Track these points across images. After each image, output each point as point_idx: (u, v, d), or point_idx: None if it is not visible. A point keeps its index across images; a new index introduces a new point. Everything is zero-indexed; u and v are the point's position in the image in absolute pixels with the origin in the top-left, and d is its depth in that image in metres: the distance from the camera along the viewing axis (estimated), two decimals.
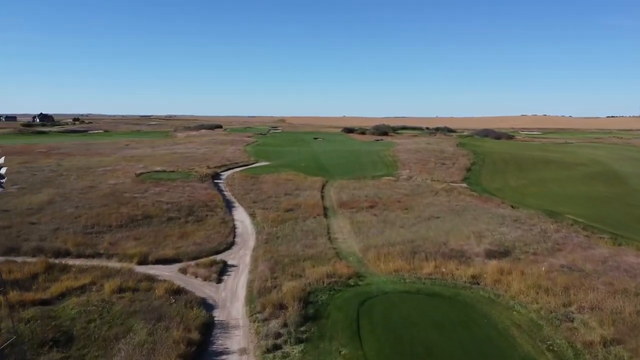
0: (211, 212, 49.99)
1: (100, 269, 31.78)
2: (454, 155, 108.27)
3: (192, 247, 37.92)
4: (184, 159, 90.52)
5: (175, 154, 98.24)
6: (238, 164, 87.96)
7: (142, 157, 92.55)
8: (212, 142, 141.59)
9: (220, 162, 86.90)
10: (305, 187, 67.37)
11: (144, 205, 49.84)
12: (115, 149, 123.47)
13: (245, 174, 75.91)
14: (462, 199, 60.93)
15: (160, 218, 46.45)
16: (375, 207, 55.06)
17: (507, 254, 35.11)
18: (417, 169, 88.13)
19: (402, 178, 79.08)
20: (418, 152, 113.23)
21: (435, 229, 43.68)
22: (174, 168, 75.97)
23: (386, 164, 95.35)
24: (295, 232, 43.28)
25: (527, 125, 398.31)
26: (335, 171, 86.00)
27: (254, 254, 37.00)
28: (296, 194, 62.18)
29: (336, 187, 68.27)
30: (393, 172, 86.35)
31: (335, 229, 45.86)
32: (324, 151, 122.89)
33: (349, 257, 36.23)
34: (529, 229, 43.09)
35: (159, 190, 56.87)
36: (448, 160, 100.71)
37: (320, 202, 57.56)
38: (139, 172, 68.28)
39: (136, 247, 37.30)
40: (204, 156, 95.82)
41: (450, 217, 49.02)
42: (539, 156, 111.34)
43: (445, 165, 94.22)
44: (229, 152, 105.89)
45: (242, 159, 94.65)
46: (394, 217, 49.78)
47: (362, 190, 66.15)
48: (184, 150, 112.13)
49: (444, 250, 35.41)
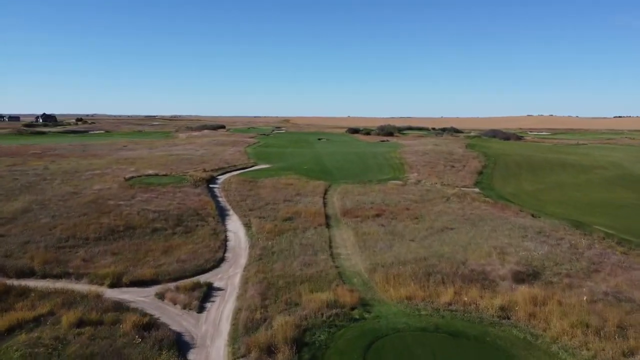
0: (202, 222, 45.43)
1: (65, 294, 27.29)
2: (463, 157, 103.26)
3: (175, 265, 33.38)
4: (180, 161, 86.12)
5: (172, 156, 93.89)
6: (237, 167, 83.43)
7: (136, 159, 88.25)
8: (213, 144, 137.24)
9: (218, 165, 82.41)
10: (307, 192, 62.75)
11: (128, 214, 45.35)
12: (112, 150, 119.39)
13: (244, 177, 71.37)
14: (477, 206, 56.05)
15: (144, 229, 41.95)
16: (382, 215, 50.33)
17: (537, 277, 30.27)
18: (426, 172, 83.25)
19: (410, 182, 74.27)
20: (426, 153, 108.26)
21: (450, 243, 38.88)
22: (168, 171, 71.55)
23: (393, 167, 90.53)
24: (293, 246, 38.65)
25: (534, 126, 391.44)
26: (339, 174, 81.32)
27: (244, 274, 32.40)
28: (296, 200, 57.58)
29: (340, 193, 63.60)
30: (400, 175, 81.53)
31: (338, 242, 41.18)
32: (327, 153, 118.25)
33: (353, 278, 31.55)
34: (557, 243, 38.17)
35: (147, 197, 52.37)
36: (458, 163, 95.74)
37: (322, 210, 52.93)
38: (128, 177, 63.84)
39: (111, 265, 32.82)
40: (201, 158, 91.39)
41: (466, 229, 44.19)
42: (554, 158, 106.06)
43: (455, 168, 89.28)
44: (228, 154, 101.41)
45: (242, 162, 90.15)
46: (402, 227, 45.02)
47: (368, 196, 61.43)
48: (182, 151, 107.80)
49: (463, 272, 30.61)
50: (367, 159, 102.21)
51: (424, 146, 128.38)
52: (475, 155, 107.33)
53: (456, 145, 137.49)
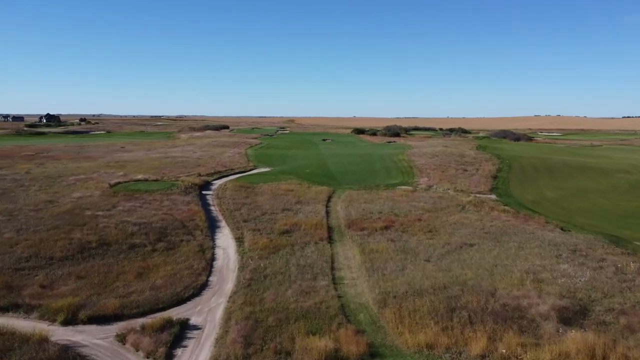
0: (188, 237, 40.16)
1: (2, 338, 22.12)
2: (475, 160, 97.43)
3: (147, 294, 28.11)
4: (175, 164, 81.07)
5: (167, 159, 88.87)
6: (234, 171, 78.21)
7: (129, 162, 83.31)
8: (213, 145, 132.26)
9: (214, 169, 77.25)
10: (308, 199, 57.40)
11: (104, 227, 40.16)
12: (108, 152, 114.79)
13: (241, 183, 66.08)
14: (496, 216, 50.38)
15: (120, 245, 36.76)
16: (391, 227, 44.85)
17: (586, 314, 24.69)
18: (437, 177, 77.58)
19: (420, 188, 68.66)
20: (436, 156, 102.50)
21: (472, 265, 33.33)
22: (159, 176, 66.43)
23: (401, 171, 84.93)
24: (290, 268, 33.29)
25: (543, 126, 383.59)
26: (343, 179, 75.88)
27: (228, 306, 27.04)
28: (296, 209, 52.24)
29: (344, 200, 58.17)
30: (409, 180, 75.93)
31: (341, 262, 35.75)
32: (332, 154, 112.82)
33: (359, 313, 26.11)
34: (599, 266, 32.50)
35: (130, 207, 47.19)
36: (470, 166, 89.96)
37: (325, 221, 47.54)
38: (114, 183, 58.73)
39: (72, 294, 27.63)
40: (197, 161, 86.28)
41: (488, 245, 38.61)
42: (572, 161, 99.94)
43: (467, 172, 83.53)
44: (227, 157, 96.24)
45: (240, 165, 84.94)
46: (415, 243, 39.50)
47: (375, 203, 55.97)
48: (179, 154, 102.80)
49: (494, 307, 25.07)
50: (373, 161, 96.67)
51: (433, 148, 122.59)
52: (488, 158, 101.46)
53: (466, 146, 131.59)
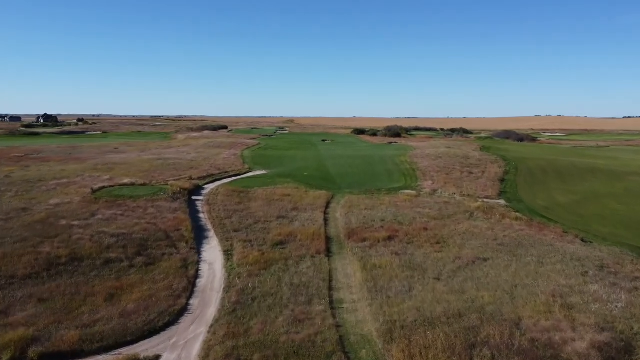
0: (171, 249, 36.32)
1: None
2: (481, 162, 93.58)
3: (114, 323, 24.26)
4: (167, 166, 77.20)
5: (159, 160, 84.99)
6: (229, 174, 74.31)
7: (119, 164, 79.43)
8: (208, 146, 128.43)
9: (207, 172, 73.37)
10: (305, 205, 53.58)
11: (78, 239, 36.32)
12: (100, 153, 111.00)
13: (234, 187, 62.20)
14: (508, 225, 46.52)
15: (94, 261, 32.91)
16: (395, 238, 41.01)
17: (631, 352, 20.85)
18: (441, 180, 73.73)
19: (424, 192, 64.80)
20: (439, 157, 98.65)
21: (489, 284, 29.47)
22: (148, 180, 62.57)
23: (404, 173, 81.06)
24: (282, 288, 29.45)
25: (545, 126, 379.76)
26: (343, 182, 72.05)
27: (208, 339, 23.17)
28: (292, 216, 48.42)
29: (344, 206, 54.33)
30: (413, 183, 72.08)
31: (340, 280, 31.90)
32: (331, 156, 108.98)
33: (361, 349, 22.23)
34: (633, 287, 28.60)
35: (111, 215, 43.30)
36: (475, 168, 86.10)
37: (323, 230, 43.72)
38: (97, 187, 54.85)
39: (27, 323, 23.82)
40: (190, 163, 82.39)
41: (504, 260, 34.77)
42: (580, 163, 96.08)
43: (473, 175, 79.67)
44: (221, 158, 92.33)
45: (235, 167, 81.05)
46: (422, 257, 35.65)
47: (377, 210, 52.16)
48: (173, 155, 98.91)
49: (521, 344, 21.17)
50: (374, 163, 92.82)
51: (436, 149, 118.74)
52: (494, 160, 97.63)
53: (470, 147, 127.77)
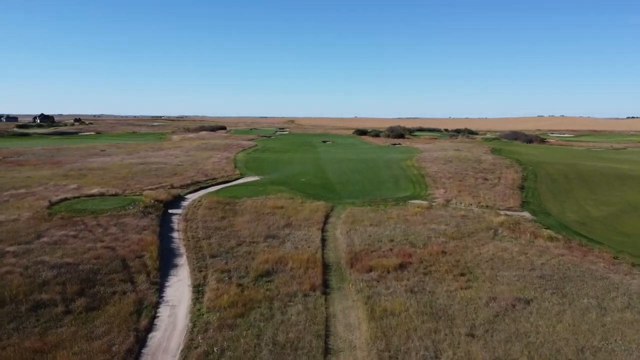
0: (125, 285, 28.54)
1: None
2: (495, 167, 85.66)
3: None
4: (148, 172, 69.46)
5: (142, 165, 77.25)
6: (216, 181, 66.52)
7: (95, 169, 71.70)
8: (201, 148, 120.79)
9: (192, 178, 65.60)
10: (301, 220, 45.88)
11: (6, 273, 28.47)
12: (83, 155, 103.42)
13: (220, 197, 54.45)
14: (543, 247, 38.66)
15: (18, 305, 25.17)
16: (408, 266, 33.27)
17: None
18: (455, 188, 65.88)
19: (437, 203, 56.99)
20: (449, 161, 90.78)
21: (543, 347, 21.59)
22: (122, 189, 54.87)
23: (412, 180, 73.21)
24: (261, 351, 21.68)
25: (550, 127, 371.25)
26: (345, 191, 64.29)
27: None
28: (284, 235, 40.73)
29: (345, 221, 46.56)
30: (423, 192, 64.24)
31: (340, 336, 24.06)
32: (332, 159, 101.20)
33: None
34: None
35: (60, 237, 35.51)
36: (490, 174, 78.21)
37: (319, 254, 36.02)
38: (57, 200, 47.09)
39: None
40: (176, 168, 74.63)
41: (551, 302, 26.91)
42: (604, 168, 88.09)
43: (488, 182, 71.77)
44: (211, 163, 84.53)
45: (225, 173, 73.25)
46: (446, 297, 27.84)
47: (384, 226, 44.42)
48: (160, 159, 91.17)
49: None
50: (379, 168, 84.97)
51: (445, 152, 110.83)
52: (509, 164, 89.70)
53: (480, 150, 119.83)
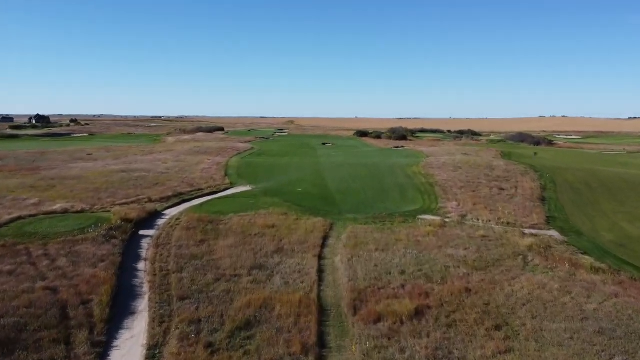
0: (56, 350, 21.51)
1: None
2: (509, 174, 78.68)
3: None
4: (127, 182, 62.51)
5: (123, 173, 70.25)
6: (203, 192, 59.57)
7: (68, 179, 64.68)
8: (193, 152, 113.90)
9: (175, 189, 58.66)
10: (294, 243, 39.03)
11: None
12: (66, 160, 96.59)
13: (202, 213, 47.52)
14: (588, 282, 31.67)
15: None
16: (426, 313, 26.42)
17: None
18: (468, 199, 58.95)
19: (450, 218, 50.10)
20: (458, 167, 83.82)
21: None
22: (91, 204, 47.96)
23: (420, 190, 66.22)
24: None
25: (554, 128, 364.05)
26: (346, 202, 57.39)
27: None
28: (273, 264, 33.90)
29: (347, 244, 39.61)
30: (433, 205, 57.30)
31: None
32: (332, 165, 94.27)
33: None
34: None
35: None
36: (505, 183, 71.26)
37: (315, 292, 29.26)
38: (6, 220, 39.89)
39: None
40: (159, 177, 67.60)
41: None
42: (627, 175, 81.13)
43: (505, 192, 64.82)
44: (200, 169, 77.51)
45: (213, 182, 66.27)
46: None
47: (393, 251, 37.56)
48: (145, 165, 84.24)
49: None
50: (383, 176, 77.98)
51: (452, 156, 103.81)
52: (523, 170, 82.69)
53: (489, 154, 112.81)
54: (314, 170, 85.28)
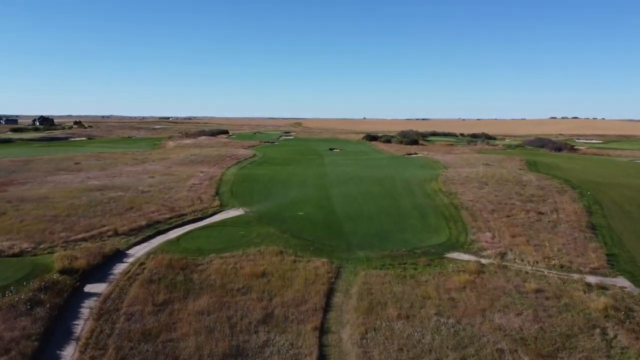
0: None
1: None
2: (544, 192, 68.09)
3: None
4: (97, 205, 52.98)
5: (98, 192, 60.73)
6: (185, 218, 49.83)
7: (31, 200, 55.31)
8: (188, 162, 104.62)
9: (151, 216, 49.01)
10: (288, 305, 29.24)
11: None
12: (49, 171, 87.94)
13: (176, 254, 37.83)
14: None
15: None
16: None
17: None
18: (504, 229, 48.69)
19: (487, 258, 39.92)
20: (484, 184, 73.35)
21: None
22: (37, 241, 38.48)
23: (443, 214, 55.97)
24: None
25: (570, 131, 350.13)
26: (356, 232, 47.41)
27: None
28: (255, 349, 24.10)
29: (359, 308, 29.66)
30: (462, 237, 47.07)
31: None
32: (340, 176, 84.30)
33: None
34: None
35: None
36: (542, 204, 60.80)
37: None
38: None
39: None
40: (137, 198, 57.97)
41: None
42: None
43: (545, 217, 54.36)
44: (187, 187, 67.77)
45: (200, 204, 56.51)
46: None
47: (421, 320, 27.64)
48: (129, 179, 74.89)
49: None
50: (398, 193, 67.74)
51: (473, 168, 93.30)
52: (559, 187, 72.02)
53: (514, 165, 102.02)
54: (319, 185, 75.32)
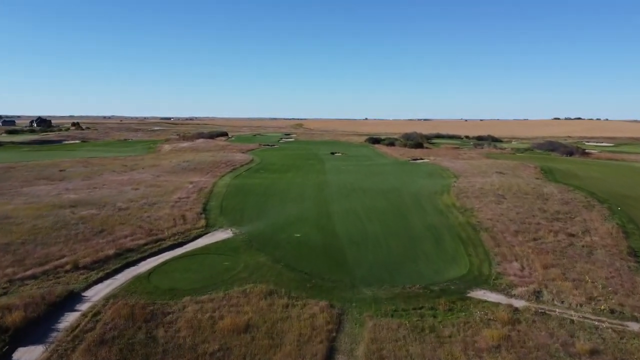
0: None
1: None
2: (570, 207, 61.12)
3: None
4: (62, 228, 46.11)
5: (68, 210, 53.90)
6: (162, 244, 42.95)
7: None
8: (180, 169, 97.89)
9: (122, 242, 42.13)
10: None
11: None
12: (28, 180, 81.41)
13: (142, 298, 31.03)
14: None
15: None
16: None
17: None
18: (533, 257, 41.75)
19: (517, 300, 33.03)
20: (501, 197, 66.40)
21: None
22: None
23: (459, 236, 49.00)
24: None
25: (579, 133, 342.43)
26: (361, 264, 40.45)
27: None
28: None
29: None
30: (485, 267, 40.13)
31: None
32: (342, 189, 77.47)
33: None
34: None
35: None
36: (569, 223, 53.89)
37: None
38: None
39: None
40: (112, 218, 51.10)
41: None
42: None
43: (577, 241, 47.43)
44: (172, 202, 60.86)
45: (183, 225, 49.65)
46: None
47: None
48: (110, 192, 68.18)
49: None
50: (407, 210, 60.74)
51: (486, 177, 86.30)
52: (585, 201, 65.05)
53: (529, 173, 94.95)
54: (320, 198, 68.43)
